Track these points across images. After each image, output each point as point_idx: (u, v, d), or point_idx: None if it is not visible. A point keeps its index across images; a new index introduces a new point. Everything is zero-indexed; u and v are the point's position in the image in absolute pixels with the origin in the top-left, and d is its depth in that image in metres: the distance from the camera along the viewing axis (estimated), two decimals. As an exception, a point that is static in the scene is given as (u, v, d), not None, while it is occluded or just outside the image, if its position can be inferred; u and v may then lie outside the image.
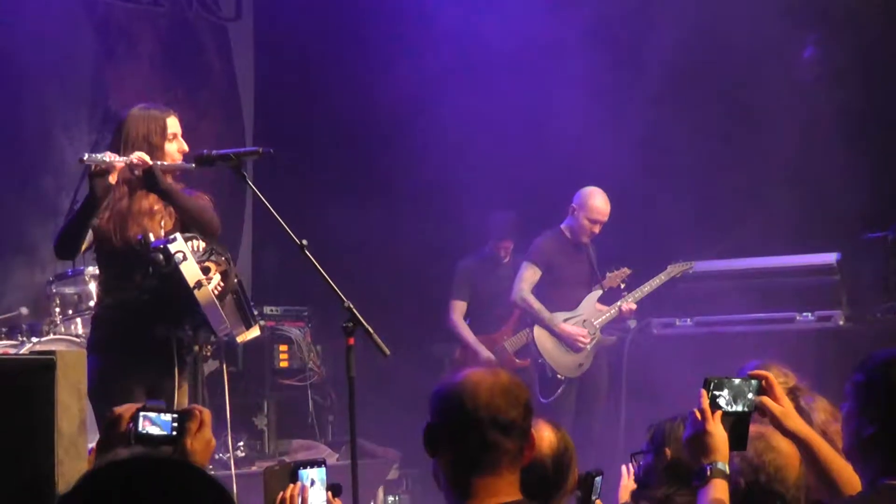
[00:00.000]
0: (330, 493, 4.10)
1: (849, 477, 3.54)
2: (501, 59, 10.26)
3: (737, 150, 9.48)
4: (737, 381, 3.67)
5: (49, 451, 3.75)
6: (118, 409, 3.37)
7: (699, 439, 3.55)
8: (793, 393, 5.09)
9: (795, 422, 3.65)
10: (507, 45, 10.16)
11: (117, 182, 5.82)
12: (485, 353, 9.38)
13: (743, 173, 9.42)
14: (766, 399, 3.65)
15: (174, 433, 3.32)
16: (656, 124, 9.73)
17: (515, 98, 10.15)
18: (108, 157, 5.70)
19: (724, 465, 3.51)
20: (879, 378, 3.33)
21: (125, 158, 5.73)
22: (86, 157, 5.68)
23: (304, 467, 4.04)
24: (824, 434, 4.27)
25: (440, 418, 3.25)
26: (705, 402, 3.57)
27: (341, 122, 10.84)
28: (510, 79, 10.18)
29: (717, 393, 3.61)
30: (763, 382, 3.68)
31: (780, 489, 3.77)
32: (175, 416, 3.34)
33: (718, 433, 3.54)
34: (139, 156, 5.75)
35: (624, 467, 4.92)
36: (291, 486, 4.03)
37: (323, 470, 4.06)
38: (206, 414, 3.31)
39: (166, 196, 5.90)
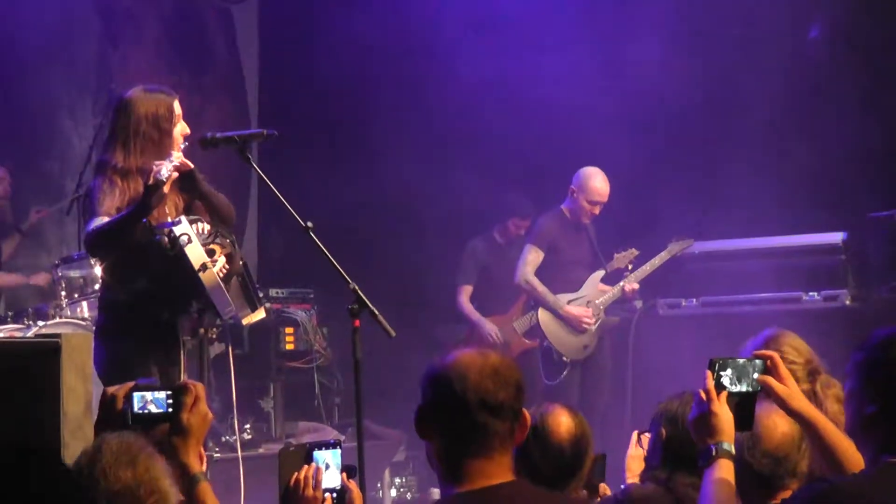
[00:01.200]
0: (345, 474, 4.11)
1: (853, 457, 3.54)
2: (507, 33, 10.25)
3: (740, 128, 9.46)
4: (741, 361, 3.66)
5: (55, 433, 3.77)
6: (111, 390, 3.37)
7: (704, 420, 3.54)
8: (812, 375, 5.09)
9: (800, 402, 3.64)
10: (512, 17, 10.16)
11: (131, 171, 5.79)
12: (490, 331, 9.39)
13: (747, 152, 9.39)
14: (769, 379, 3.64)
15: (170, 410, 3.32)
16: (659, 100, 9.73)
17: (518, 75, 10.13)
18: (165, 170, 5.57)
19: (729, 446, 3.50)
20: (880, 356, 3.33)
21: (173, 164, 5.63)
22: (164, 176, 5.52)
23: (319, 449, 4.04)
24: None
25: (430, 401, 3.25)
26: (710, 383, 3.56)
27: (346, 103, 10.82)
28: (515, 55, 10.16)
29: (722, 373, 3.60)
30: (768, 362, 3.67)
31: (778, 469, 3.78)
32: (169, 392, 3.34)
33: (724, 413, 3.52)
34: (180, 159, 5.70)
35: (633, 436, 4.92)
36: (306, 467, 4.03)
37: (338, 452, 4.06)
38: (200, 388, 3.31)
39: (203, 197, 5.88)
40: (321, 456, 4.02)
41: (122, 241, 5.72)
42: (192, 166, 5.72)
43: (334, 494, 4.01)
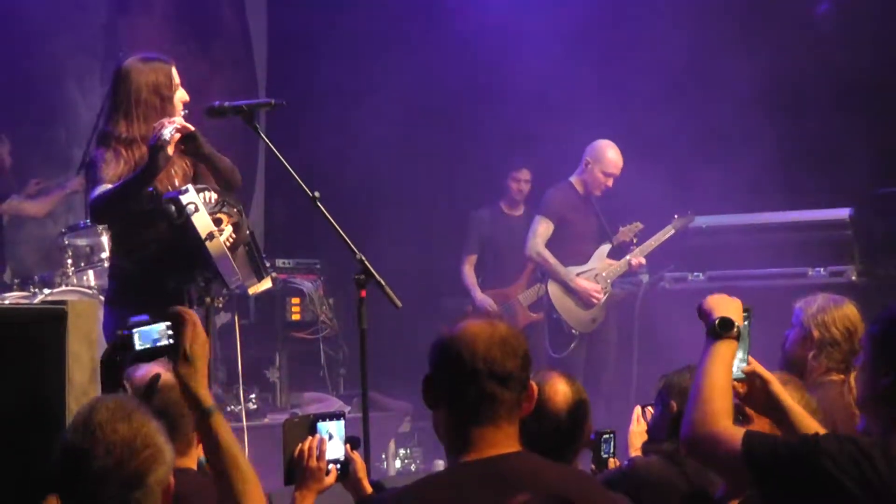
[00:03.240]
0: (348, 445, 4.11)
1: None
2: (519, 10, 10.25)
3: (746, 104, 9.43)
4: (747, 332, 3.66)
5: (61, 401, 3.77)
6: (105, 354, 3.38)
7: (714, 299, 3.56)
8: (848, 366, 5.08)
9: (780, 387, 3.65)
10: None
11: (135, 140, 5.80)
12: (483, 302, 9.42)
13: (757, 127, 9.37)
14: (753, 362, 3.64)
15: (171, 340, 3.32)
16: (664, 79, 9.71)
17: (524, 50, 10.12)
18: (168, 130, 5.61)
19: (737, 325, 3.50)
20: (895, 329, 3.34)
21: (174, 127, 5.65)
22: (167, 136, 5.58)
23: (323, 420, 4.05)
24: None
25: (438, 370, 3.25)
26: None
27: (355, 72, 10.81)
28: (523, 31, 10.15)
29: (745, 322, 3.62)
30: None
31: None
32: (168, 323, 3.33)
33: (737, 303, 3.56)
34: (181, 123, 5.71)
35: (636, 411, 4.93)
36: (310, 438, 4.04)
37: (342, 423, 4.07)
38: (192, 314, 3.31)
39: (206, 159, 5.88)
40: (325, 427, 4.03)
41: (128, 206, 5.73)
42: (193, 129, 5.72)
43: (338, 465, 4.02)
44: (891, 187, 8.61)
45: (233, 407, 8.36)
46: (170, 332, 3.30)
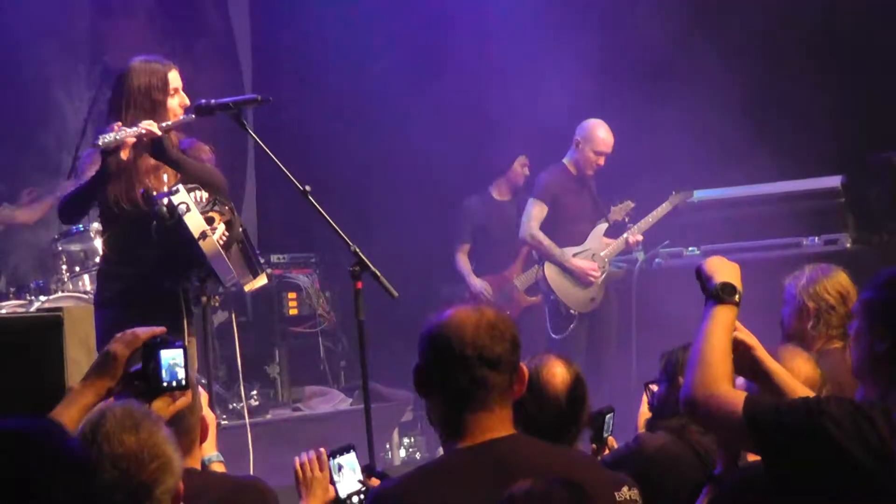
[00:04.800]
0: (365, 474, 4.08)
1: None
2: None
3: (736, 75, 9.43)
4: None
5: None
6: (114, 349, 3.33)
7: (715, 263, 3.55)
8: (849, 317, 5.09)
9: (763, 352, 3.64)
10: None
11: (124, 142, 5.80)
12: (480, 289, 9.43)
13: (743, 98, 9.36)
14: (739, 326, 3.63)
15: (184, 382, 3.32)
16: (655, 52, 9.70)
17: (516, 32, 10.11)
18: (120, 133, 5.65)
19: (739, 291, 3.47)
20: (889, 295, 3.35)
21: (135, 130, 5.68)
22: (100, 141, 5.63)
23: (333, 456, 4.02)
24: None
25: (428, 358, 3.27)
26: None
27: (341, 66, 10.79)
28: (509, 14, 10.14)
29: None
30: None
31: None
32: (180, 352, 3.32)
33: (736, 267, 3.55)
34: (146, 126, 5.72)
35: (645, 394, 4.92)
36: (310, 451, 4.03)
37: (352, 455, 4.05)
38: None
39: (175, 166, 5.88)
40: (336, 463, 4.01)
41: (86, 209, 6.01)
42: (159, 134, 5.73)
43: (361, 495, 3.99)
44: (881, 153, 8.60)
45: (234, 405, 8.36)
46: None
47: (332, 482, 3.97)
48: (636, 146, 9.10)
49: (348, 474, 4.01)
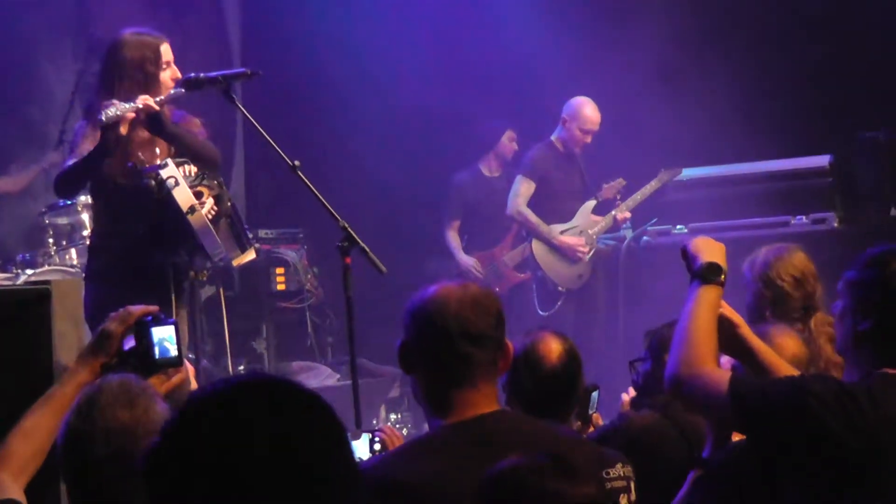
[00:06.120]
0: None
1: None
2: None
3: (725, 51, 9.42)
4: None
5: (48, 380, 3.76)
6: (110, 327, 3.33)
7: (700, 243, 3.56)
8: (808, 311, 5.08)
9: (747, 330, 3.64)
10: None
11: None
12: (469, 266, 9.43)
13: (733, 76, 9.36)
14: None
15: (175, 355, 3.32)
16: (644, 31, 9.69)
17: (503, 10, 10.10)
18: (120, 109, 5.63)
19: (724, 271, 3.48)
20: (872, 274, 3.36)
21: (133, 105, 5.66)
22: (103, 117, 5.60)
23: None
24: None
25: (412, 335, 3.26)
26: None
27: (331, 40, 10.75)
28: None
29: None
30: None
31: None
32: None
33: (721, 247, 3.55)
34: (144, 100, 5.70)
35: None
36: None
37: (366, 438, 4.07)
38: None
39: (171, 139, 5.87)
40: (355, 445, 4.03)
41: (83, 183, 5.98)
42: (157, 108, 5.71)
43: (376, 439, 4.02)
44: (870, 132, 8.60)
45: (222, 379, 8.35)
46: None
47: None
48: (625, 124, 9.09)
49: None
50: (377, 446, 4.01)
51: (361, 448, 4.04)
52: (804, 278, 5.20)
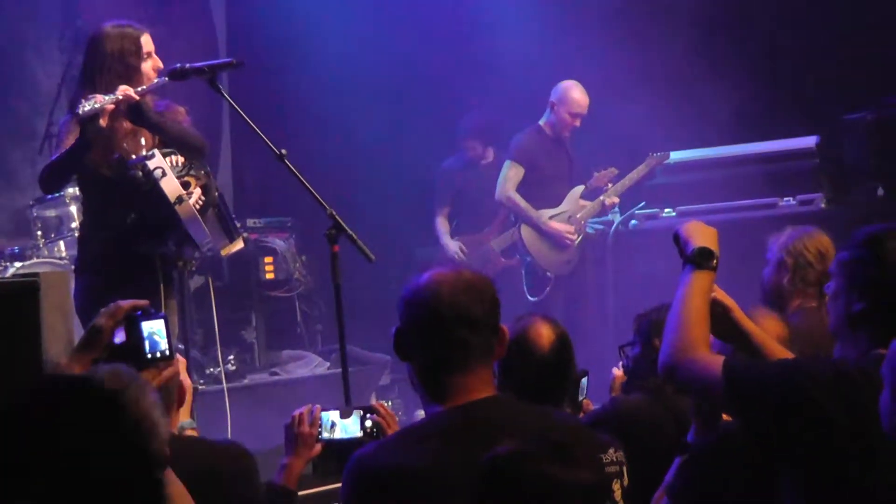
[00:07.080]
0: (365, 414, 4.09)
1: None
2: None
3: (710, 35, 9.42)
4: None
5: (37, 372, 3.76)
6: (100, 322, 3.34)
7: (693, 227, 3.56)
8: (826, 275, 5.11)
9: (741, 314, 3.65)
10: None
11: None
12: (455, 251, 9.43)
13: (717, 59, 9.36)
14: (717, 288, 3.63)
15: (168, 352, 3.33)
16: (629, 16, 9.69)
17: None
18: (99, 101, 5.62)
19: (716, 256, 3.47)
20: (865, 254, 3.35)
21: (112, 97, 5.65)
22: (80, 111, 5.60)
23: (326, 410, 4.06)
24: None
25: (407, 321, 3.26)
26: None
27: (318, 30, 10.74)
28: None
29: None
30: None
31: None
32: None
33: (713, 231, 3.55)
34: (124, 90, 5.69)
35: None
36: (307, 407, 4.05)
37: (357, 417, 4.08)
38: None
39: (154, 128, 5.86)
40: (328, 416, 4.04)
41: (67, 178, 5.97)
42: (137, 98, 5.71)
43: (374, 431, 4.02)
44: (856, 113, 8.60)
45: (212, 369, 8.35)
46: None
47: (322, 439, 3.99)
48: (613, 108, 9.09)
49: (341, 431, 4.03)
50: (368, 423, 4.02)
51: (352, 426, 4.04)
52: (827, 254, 5.32)
